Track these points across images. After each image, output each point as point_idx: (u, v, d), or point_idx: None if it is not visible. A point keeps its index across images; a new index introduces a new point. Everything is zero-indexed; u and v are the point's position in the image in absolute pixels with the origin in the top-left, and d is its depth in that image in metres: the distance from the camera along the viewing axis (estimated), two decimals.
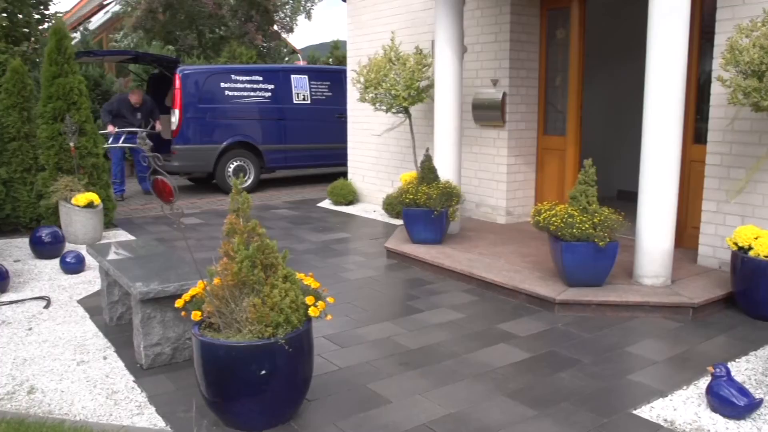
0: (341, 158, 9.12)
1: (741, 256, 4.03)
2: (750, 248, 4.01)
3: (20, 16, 10.23)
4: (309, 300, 2.73)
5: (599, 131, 7.53)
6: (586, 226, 4.09)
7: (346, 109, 8.70)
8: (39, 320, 4.04)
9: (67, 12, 19.45)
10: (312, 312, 2.70)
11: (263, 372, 2.56)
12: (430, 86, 6.43)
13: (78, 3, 20.37)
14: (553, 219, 4.18)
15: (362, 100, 6.68)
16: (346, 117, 8.65)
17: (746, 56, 3.80)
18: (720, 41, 4.62)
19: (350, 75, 8.30)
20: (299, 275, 2.86)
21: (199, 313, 2.73)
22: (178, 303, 2.80)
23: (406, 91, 6.24)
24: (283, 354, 2.58)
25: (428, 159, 5.48)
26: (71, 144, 6.25)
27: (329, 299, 2.83)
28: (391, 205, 7.16)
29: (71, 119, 6.29)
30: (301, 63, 26.69)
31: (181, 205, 2.52)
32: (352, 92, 8.03)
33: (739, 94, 3.96)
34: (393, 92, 6.28)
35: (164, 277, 3.38)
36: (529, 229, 4.54)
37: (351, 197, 8.19)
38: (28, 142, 6.49)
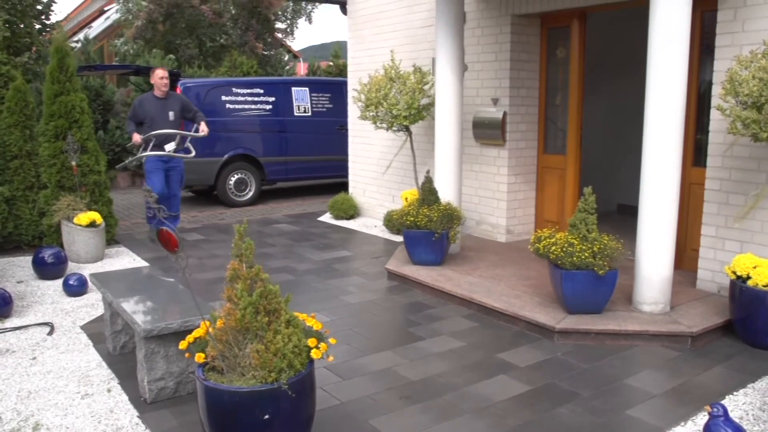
0: (342, 170, 9.16)
1: (739, 285, 4.06)
2: (748, 277, 4.04)
3: (22, 26, 10.29)
4: (311, 342, 2.76)
5: (599, 144, 7.56)
6: (586, 254, 4.12)
7: (346, 120, 8.74)
8: (43, 348, 4.07)
9: (66, 16, 19.53)
10: (314, 354, 2.73)
11: (266, 416, 2.60)
12: (431, 104, 6.46)
13: (77, 7, 20.42)
14: (553, 248, 4.20)
15: (363, 118, 6.71)
16: (347, 129, 8.68)
17: (745, 88, 3.83)
18: (719, 67, 4.65)
19: (351, 91, 8.33)
20: (302, 316, 2.89)
21: (202, 355, 2.76)
22: (182, 345, 2.83)
23: (407, 110, 6.27)
24: (286, 398, 2.61)
25: (429, 181, 5.51)
26: (73, 163, 6.28)
27: (331, 340, 2.86)
28: (391, 222, 7.19)
29: (73, 138, 6.32)
30: (302, 65, 26.76)
31: (185, 256, 2.54)
32: (353, 108, 8.06)
33: (738, 125, 3.99)
34: (394, 111, 6.30)
35: (168, 311, 3.41)
36: (529, 248, 4.59)
37: (352, 212, 8.22)
38: (30, 160, 6.52)
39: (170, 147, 6.72)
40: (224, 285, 2.68)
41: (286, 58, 15.90)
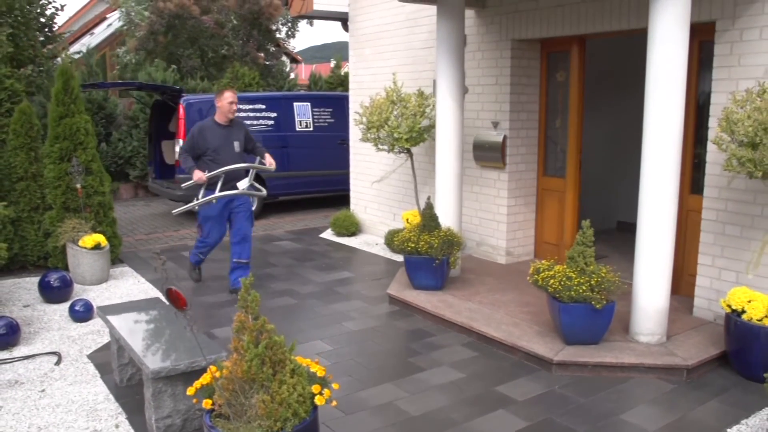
0: (343, 183, 9.26)
1: (734, 319, 4.14)
2: (743, 311, 4.12)
3: (25, 39, 10.36)
4: (315, 389, 2.84)
5: (600, 161, 7.63)
6: (584, 288, 4.20)
7: (348, 135, 8.81)
8: (51, 379, 4.15)
9: (67, 20, 19.58)
10: (318, 401, 2.81)
11: None
12: (432, 126, 6.53)
13: (77, 12, 20.47)
14: (552, 281, 4.28)
15: (364, 140, 6.78)
16: (348, 143, 8.75)
17: (741, 128, 3.90)
18: (716, 100, 4.73)
19: (352, 109, 8.41)
20: (305, 361, 2.97)
21: (210, 401, 2.84)
22: (190, 391, 2.91)
23: (408, 133, 6.35)
24: None
25: (430, 207, 5.58)
26: (78, 186, 6.36)
27: (334, 385, 2.94)
28: (392, 242, 7.26)
29: (78, 160, 6.40)
30: (303, 67, 26.78)
31: (192, 314, 2.62)
32: (355, 129, 8.13)
33: (734, 162, 4.07)
34: (395, 134, 6.38)
35: (175, 349, 3.49)
36: (528, 271, 4.67)
37: (353, 228, 8.30)
38: (36, 181, 6.60)
39: (244, 185, 5.71)
40: (231, 335, 2.76)
41: (288, 68, 15.96)
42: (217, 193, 5.54)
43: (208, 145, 5.60)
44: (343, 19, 8.64)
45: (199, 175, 5.51)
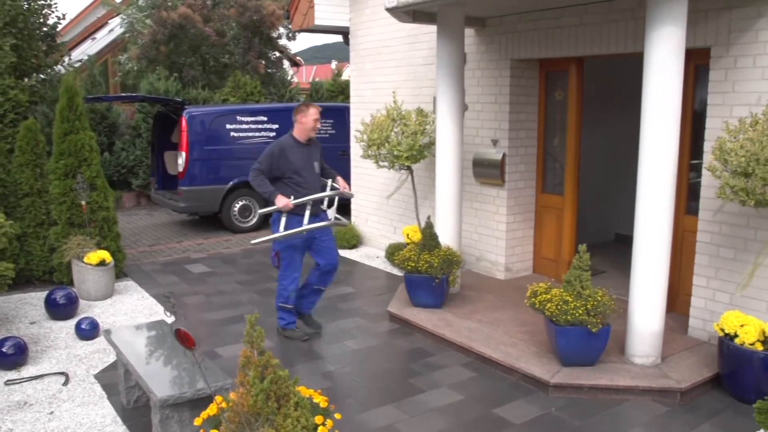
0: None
1: (727, 342, 4.23)
2: (736, 335, 4.21)
3: (28, 49, 10.46)
4: (318, 419, 2.93)
5: (598, 174, 7.70)
6: (580, 312, 4.29)
7: (348, 146, 8.91)
8: (59, 401, 4.25)
9: (67, 24, 19.66)
10: None
11: None
12: (432, 143, 6.62)
13: (77, 16, 20.54)
14: (549, 304, 4.38)
15: (365, 157, 6.88)
16: (349, 154, 8.85)
17: (734, 158, 3.99)
18: (711, 125, 4.82)
19: (353, 122, 8.50)
20: (309, 392, 3.07)
21: None
22: (197, 421, 3.01)
23: (409, 151, 6.44)
24: None
25: (430, 226, 5.68)
26: (83, 202, 6.46)
27: (336, 416, 3.04)
28: (393, 255, 7.36)
29: (83, 177, 6.49)
30: (304, 69, 26.86)
31: (201, 353, 2.71)
32: (356, 145, 8.22)
33: (727, 190, 4.16)
34: (395, 152, 6.47)
35: (182, 376, 3.58)
36: (526, 287, 4.76)
37: (354, 241, 8.40)
38: (41, 197, 6.70)
39: (333, 213, 5.30)
40: (237, 370, 2.85)
41: (290, 75, 16.04)
42: (306, 223, 4.95)
43: (291, 167, 4.99)
44: (344, 32, 8.74)
45: (285, 202, 4.88)
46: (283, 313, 5.31)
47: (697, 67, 5.17)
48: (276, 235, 5.01)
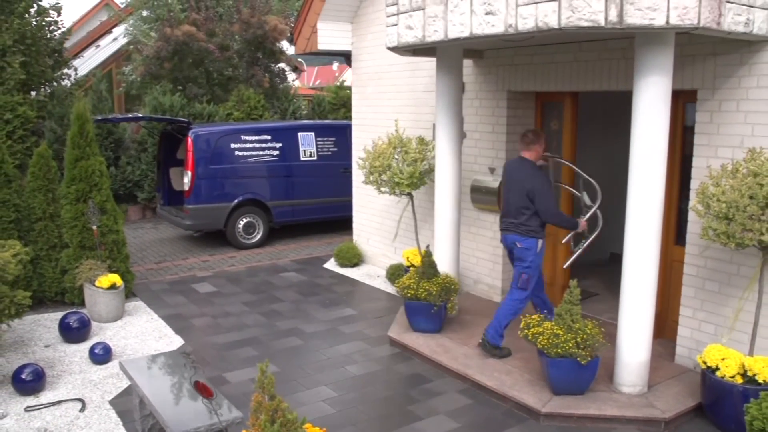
0: (345, 209, 9.70)
1: (709, 375, 4.47)
2: (717, 368, 4.45)
3: (36, 65, 10.70)
4: None
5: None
6: (570, 345, 4.53)
7: (350, 163, 9.15)
8: (77, 428, 4.48)
9: (71, 26, 19.87)
10: None
11: None
12: (431, 170, 6.85)
13: (80, 20, 20.71)
14: (540, 337, 4.62)
15: (366, 183, 7.11)
16: (351, 171, 9.09)
17: (715, 203, 4.23)
18: (698, 164, 5.05)
19: (355, 146, 8.73)
20: (315, 430, 3.31)
21: None
22: None
23: (409, 179, 6.67)
24: None
25: (429, 255, 5.91)
26: (94, 227, 6.70)
27: None
28: (394, 276, 7.59)
29: (94, 203, 6.73)
30: (306, 72, 27.02)
31: (218, 403, 2.95)
32: (359, 171, 8.45)
33: (710, 232, 4.39)
34: (396, 179, 6.70)
35: (195, 408, 3.81)
36: (519, 334, 5.03)
37: (356, 260, 8.64)
38: (53, 221, 6.93)
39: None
40: (249, 414, 3.09)
41: (293, 83, 16.27)
42: (591, 236, 5.49)
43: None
44: (346, 55, 8.96)
45: (584, 223, 5.44)
46: (503, 331, 5.38)
47: (685, 104, 5.41)
48: (578, 252, 5.58)
